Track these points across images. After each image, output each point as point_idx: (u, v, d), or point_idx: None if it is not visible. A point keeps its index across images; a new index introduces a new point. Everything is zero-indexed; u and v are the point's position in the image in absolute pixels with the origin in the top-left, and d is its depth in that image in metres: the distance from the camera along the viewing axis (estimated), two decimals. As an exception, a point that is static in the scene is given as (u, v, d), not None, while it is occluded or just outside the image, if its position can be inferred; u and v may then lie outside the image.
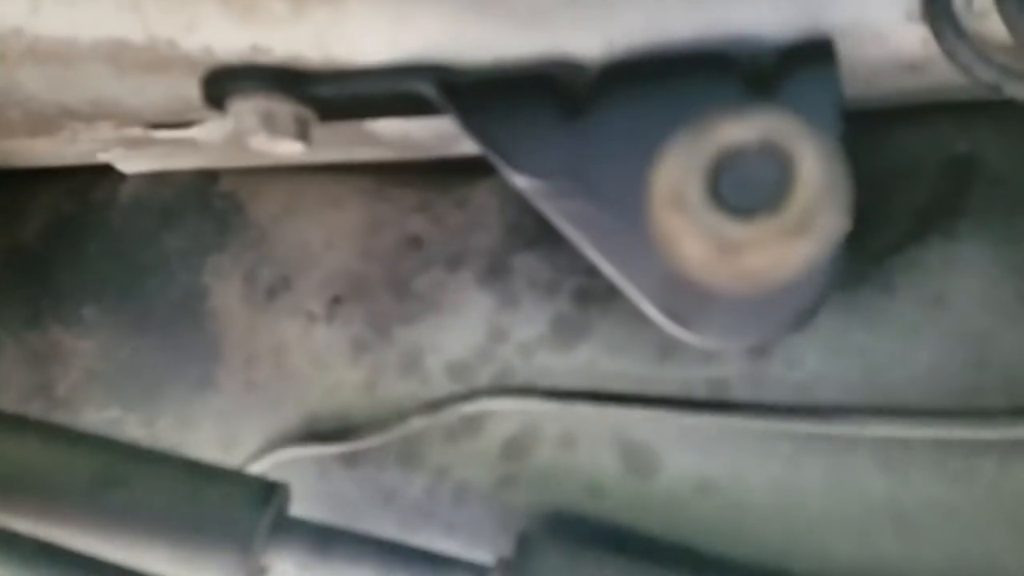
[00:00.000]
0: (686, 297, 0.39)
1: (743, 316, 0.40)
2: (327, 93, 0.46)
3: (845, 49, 0.43)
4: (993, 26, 0.40)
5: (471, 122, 0.43)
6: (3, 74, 0.45)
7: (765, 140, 0.24)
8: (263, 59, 0.46)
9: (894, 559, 0.43)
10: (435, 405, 0.48)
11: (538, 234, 0.51)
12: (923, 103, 0.49)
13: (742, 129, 0.24)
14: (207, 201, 0.61)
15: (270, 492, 0.43)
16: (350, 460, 0.52)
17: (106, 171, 0.61)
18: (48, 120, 0.51)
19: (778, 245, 0.24)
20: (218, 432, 0.57)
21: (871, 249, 0.44)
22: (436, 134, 0.53)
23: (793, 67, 0.40)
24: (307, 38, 0.45)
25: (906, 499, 0.42)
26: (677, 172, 0.24)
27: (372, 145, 0.59)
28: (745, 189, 0.24)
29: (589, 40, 0.45)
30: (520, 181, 0.43)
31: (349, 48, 0.44)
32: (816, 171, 0.23)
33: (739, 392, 0.45)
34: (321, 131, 0.53)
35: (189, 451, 0.56)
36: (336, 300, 0.53)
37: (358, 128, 0.54)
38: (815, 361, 0.44)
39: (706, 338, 0.40)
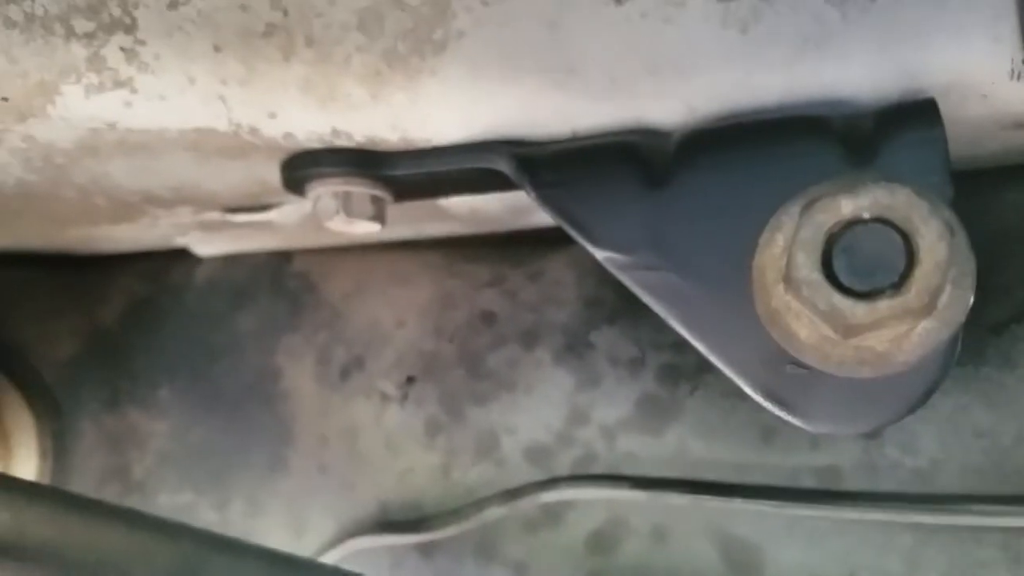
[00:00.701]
0: (791, 378, 0.37)
1: (853, 399, 0.37)
2: (403, 173, 0.46)
3: (945, 109, 0.41)
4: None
5: (548, 196, 0.42)
6: (94, 166, 0.46)
7: (882, 214, 0.22)
8: (342, 143, 0.46)
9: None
10: (513, 493, 0.46)
11: (619, 308, 0.49)
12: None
13: (857, 203, 0.22)
14: (280, 281, 0.62)
15: None
16: (426, 550, 0.50)
17: (182, 255, 0.63)
18: (131, 206, 0.52)
19: (901, 326, 0.22)
20: (289, 517, 0.56)
21: (988, 321, 0.41)
22: (508, 207, 0.53)
23: (895, 129, 0.37)
24: (384, 121, 0.45)
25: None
26: (788, 248, 0.22)
27: (442, 220, 0.59)
28: (862, 267, 0.22)
29: (670, 107, 0.44)
30: (601, 255, 0.41)
31: (425, 128, 0.45)
32: (938, 247, 0.21)
33: (851, 481, 0.41)
34: (394, 209, 0.53)
35: (259, 536, 0.56)
36: (409, 380, 0.52)
37: (430, 204, 0.54)
38: (933, 445, 0.40)
39: (813, 423, 0.37)
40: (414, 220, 0.61)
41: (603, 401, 0.46)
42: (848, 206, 0.22)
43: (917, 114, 0.38)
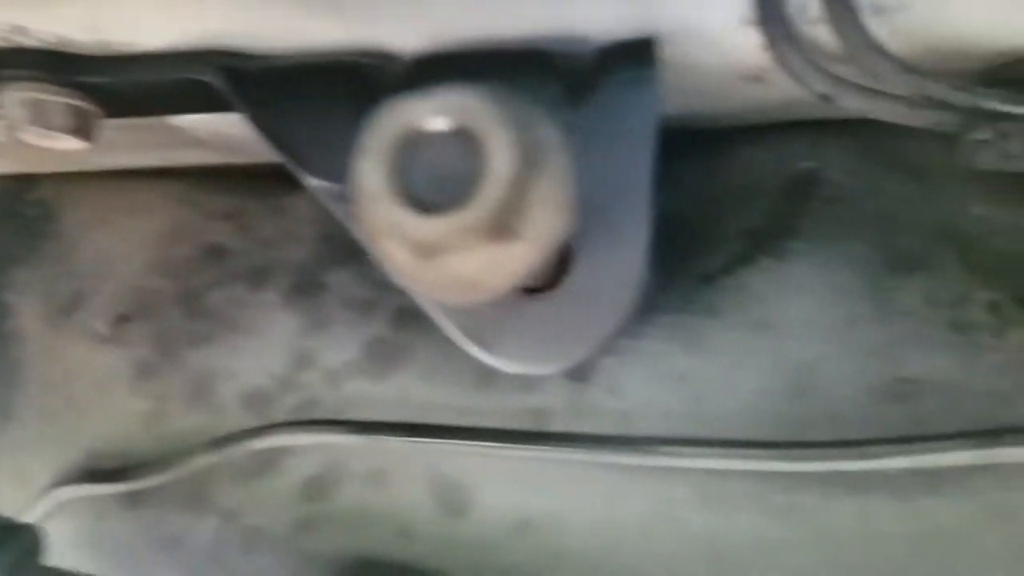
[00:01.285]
0: (486, 316, 0.36)
1: (544, 337, 0.37)
2: (102, 81, 0.41)
3: (679, 55, 0.42)
4: (828, 34, 0.38)
5: (261, 117, 0.39)
6: None
7: (453, 122, 0.20)
8: (28, 42, 0.40)
9: (714, 602, 0.40)
10: (224, 440, 0.43)
11: (357, 248, 0.47)
12: (777, 120, 0.48)
13: (424, 106, 0.20)
14: (17, 209, 0.55)
15: (8, 537, 0.37)
16: (131, 500, 0.46)
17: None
18: None
19: (479, 247, 0.21)
20: (13, 466, 0.51)
21: (699, 272, 0.43)
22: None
23: (611, 68, 0.38)
24: (76, 19, 0.40)
25: (726, 536, 0.40)
26: (368, 162, 0.20)
27: (188, 147, 0.54)
28: (435, 180, 0.21)
29: (405, 31, 0.42)
30: (313, 184, 0.39)
31: (126, 31, 0.40)
32: (504, 160, 0.20)
33: (560, 423, 0.42)
34: (128, 130, 0.47)
35: None
36: (121, 319, 0.47)
37: (169, 127, 0.49)
38: (637, 389, 0.42)
39: (508, 362, 0.37)
40: (157, 146, 0.55)
41: (330, 344, 0.45)
42: (415, 109, 0.21)
43: (634, 53, 0.38)
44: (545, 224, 0.21)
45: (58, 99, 0.42)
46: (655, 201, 0.37)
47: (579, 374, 0.42)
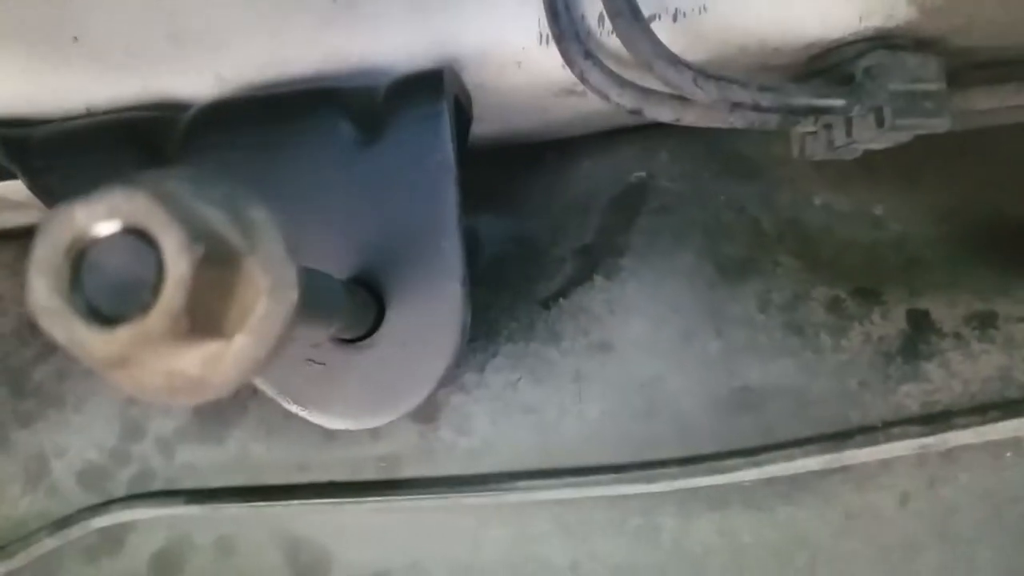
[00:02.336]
0: (303, 372, 0.35)
1: (373, 391, 0.35)
2: None
3: (485, 78, 0.40)
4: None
5: (40, 184, 0.37)
6: None
7: (127, 224, 0.19)
8: None
9: (584, 638, 0.39)
10: (64, 522, 0.41)
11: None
12: (608, 127, 0.47)
13: (91, 211, 0.19)
14: None
15: None
16: (-21, 594, 0.44)
17: None
18: None
19: (182, 351, 0.19)
20: None
21: (539, 296, 0.42)
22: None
23: (400, 104, 0.36)
24: None
25: (589, 565, 0.39)
26: (39, 277, 0.19)
27: (10, 209, 0.51)
28: (113, 287, 0.19)
29: (197, 79, 0.40)
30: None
31: None
32: (179, 260, 0.18)
33: (410, 468, 0.41)
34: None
35: None
36: (-53, 404, 0.45)
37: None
38: (485, 424, 0.40)
39: (332, 418, 0.35)
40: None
41: (158, 412, 0.43)
42: (82, 215, 0.19)
43: (423, 87, 0.36)
44: (263, 313, 0.20)
45: None
46: (464, 234, 0.35)
47: (426, 415, 0.41)
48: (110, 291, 0.19)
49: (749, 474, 0.37)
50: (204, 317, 0.19)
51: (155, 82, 0.39)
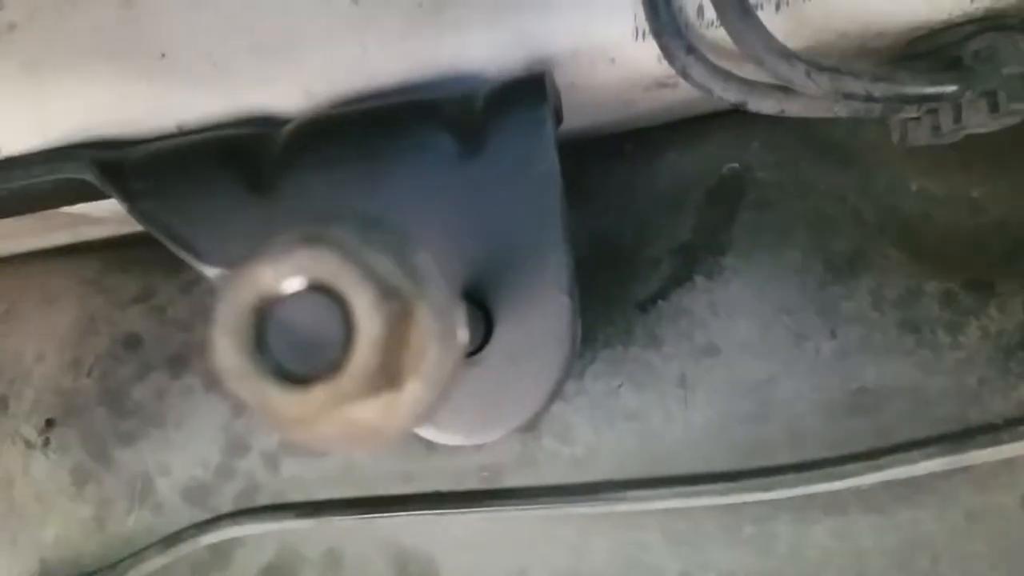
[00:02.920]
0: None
1: (482, 408, 0.35)
2: (-28, 191, 0.38)
3: (576, 76, 0.39)
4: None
5: (142, 209, 0.37)
6: None
7: (313, 282, 0.18)
8: None
9: (698, 644, 0.39)
10: (172, 539, 0.42)
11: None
12: (695, 114, 0.46)
13: (278, 271, 0.18)
14: None
15: None
16: (92, 609, 0.45)
17: None
18: None
19: (363, 406, 0.19)
20: None
21: (636, 299, 0.41)
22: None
23: (501, 113, 0.35)
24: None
25: (701, 574, 0.39)
26: (225, 339, 0.18)
27: (93, 224, 0.52)
28: (301, 344, 0.19)
29: (283, 92, 0.39)
30: (210, 273, 0.37)
31: (-15, 139, 0.38)
32: (371, 321, 0.18)
33: (513, 478, 0.41)
34: (23, 219, 0.45)
35: None
36: (49, 424, 0.45)
37: (65, 212, 0.47)
38: (587, 432, 0.40)
39: (445, 435, 0.35)
40: (58, 227, 0.53)
41: (262, 426, 0.43)
42: (268, 275, 0.19)
43: (524, 95, 0.35)
44: (434, 360, 0.20)
45: (-69, 215, 0.40)
46: (570, 243, 0.35)
47: (527, 424, 0.41)
48: (295, 349, 0.19)
49: (867, 479, 0.36)
50: (388, 370, 0.19)
51: (243, 97, 0.39)
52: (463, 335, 0.22)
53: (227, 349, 0.18)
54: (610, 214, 0.44)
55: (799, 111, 0.37)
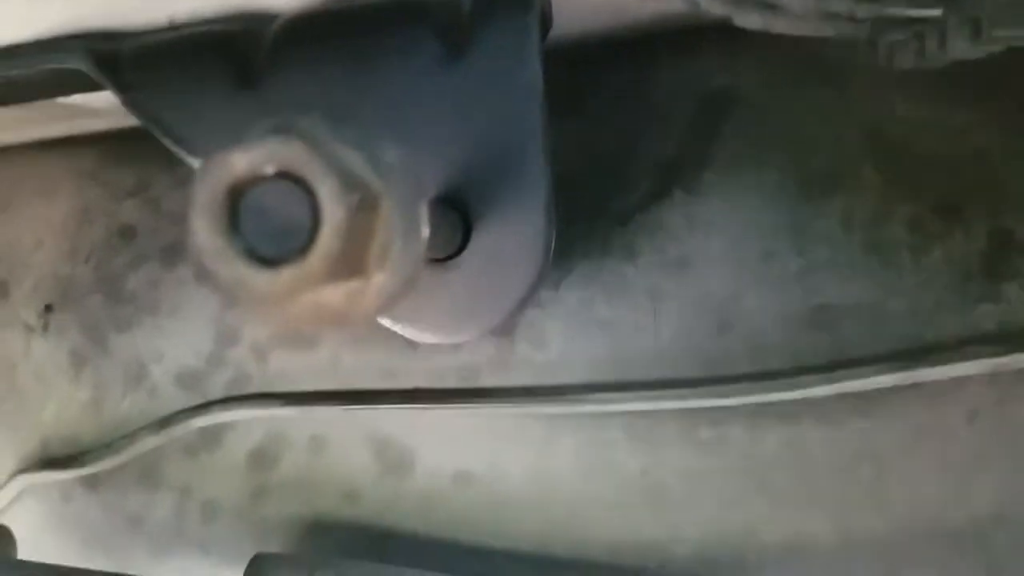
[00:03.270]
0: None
1: (456, 305, 0.37)
2: (-33, 79, 0.39)
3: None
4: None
5: (135, 100, 0.38)
6: None
7: (283, 170, 0.20)
8: None
9: (652, 534, 0.42)
10: (165, 422, 0.45)
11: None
12: (687, 25, 0.46)
13: (251, 158, 0.20)
14: None
15: None
16: (91, 484, 0.48)
17: None
18: None
19: (332, 288, 0.21)
20: None
21: (615, 211, 0.42)
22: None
23: (488, 15, 0.35)
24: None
25: (659, 472, 0.42)
26: (202, 219, 0.20)
27: (89, 116, 0.52)
28: (273, 229, 0.20)
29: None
30: (197, 164, 0.38)
31: (-20, 27, 0.38)
32: (334, 209, 0.19)
33: (489, 378, 0.43)
34: (17, 109, 0.46)
35: None
36: (48, 309, 0.48)
37: (60, 103, 0.47)
38: (560, 339, 0.42)
39: (424, 332, 0.37)
40: (53, 119, 0.54)
41: (253, 319, 0.45)
42: (242, 161, 0.20)
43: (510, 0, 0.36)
44: (398, 252, 0.21)
45: (-72, 100, 0.41)
46: (550, 151, 0.36)
47: (503, 329, 0.43)
48: (266, 233, 0.20)
49: (821, 390, 0.38)
50: (353, 258, 0.20)
51: (234, -7, 0.39)
52: (426, 232, 0.23)
53: (203, 230, 0.20)
54: (599, 124, 0.44)
55: (783, 28, 0.37)
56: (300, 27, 0.37)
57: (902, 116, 0.43)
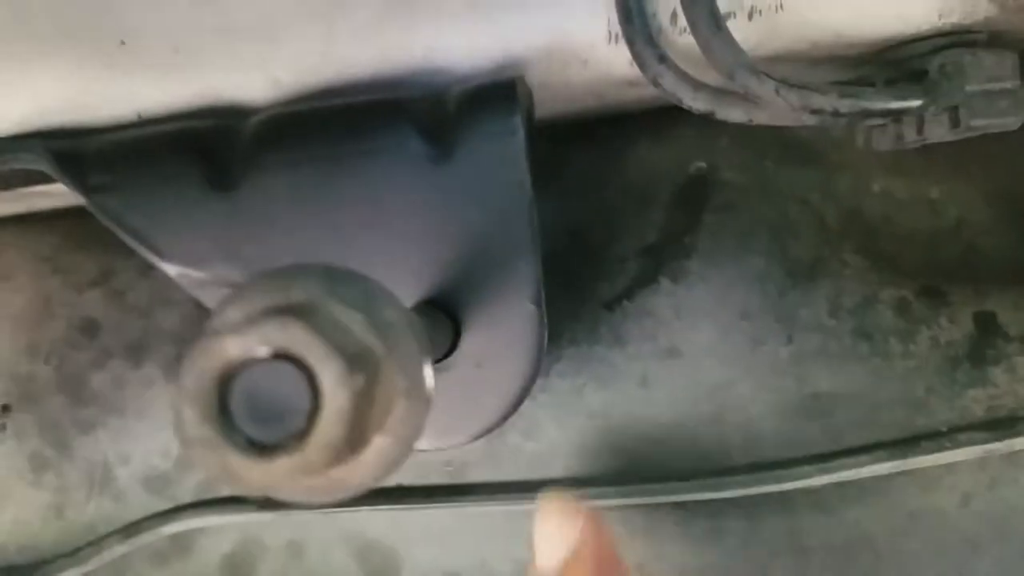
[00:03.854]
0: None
1: (449, 409, 0.36)
2: (-79, 177, 0.37)
3: (548, 75, 0.39)
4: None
5: (100, 202, 0.36)
6: None
7: (280, 352, 0.19)
8: None
9: (650, 632, 0.41)
10: (133, 528, 0.43)
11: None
12: (663, 105, 0.47)
13: (245, 343, 0.19)
14: None
15: None
16: (50, 594, 0.45)
17: None
18: None
19: (307, 478, 0.19)
20: None
21: (603, 297, 0.42)
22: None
23: (472, 118, 0.35)
24: None
25: (655, 565, 0.41)
26: (190, 410, 0.19)
27: (45, 197, 0.50)
28: (266, 412, 0.19)
29: (251, 80, 0.39)
30: (172, 271, 0.37)
31: (-69, 124, 0.36)
32: (337, 393, 0.18)
33: (478, 472, 0.42)
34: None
35: None
36: (5, 409, 0.45)
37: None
38: (551, 428, 0.41)
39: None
40: (12, 198, 0.52)
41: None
42: (235, 347, 0.19)
43: (495, 100, 0.35)
44: (402, 416, 0.20)
45: None
46: (539, 251, 0.35)
47: (491, 429, 0.42)
48: (258, 414, 0.19)
49: (817, 480, 0.38)
50: (354, 435, 0.19)
51: (206, 85, 0.38)
52: (431, 385, 0.22)
53: (192, 420, 0.19)
54: (579, 204, 0.44)
55: (766, 120, 0.38)
56: (276, 127, 0.36)
57: (879, 193, 0.44)
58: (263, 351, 0.19)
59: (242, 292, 0.20)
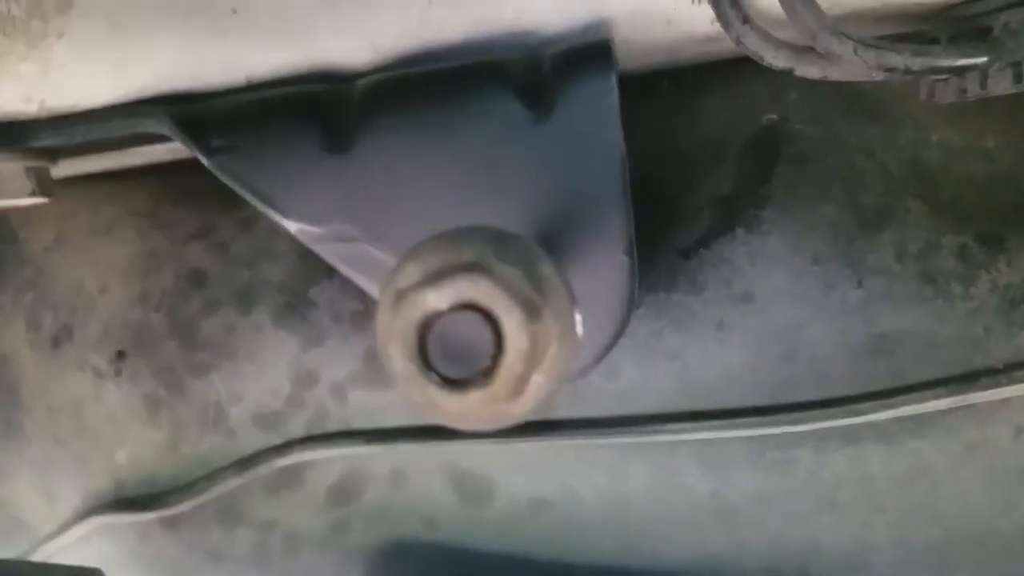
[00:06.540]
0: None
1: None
2: (53, 143, 0.42)
3: (632, 34, 0.43)
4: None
5: (221, 163, 0.41)
6: None
7: (468, 304, 0.24)
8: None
9: (722, 551, 0.47)
10: (247, 462, 0.48)
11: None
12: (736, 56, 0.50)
13: (441, 295, 0.24)
14: None
15: None
16: (169, 523, 0.52)
17: None
18: None
19: (493, 407, 0.24)
20: (37, 484, 0.55)
21: (679, 245, 0.46)
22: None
23: (569, 79, 0.39)
24: (16, 94, 0.40)
25: (728, 494, 0.46)
26: (396, 348, 0.24)
27: (139, 154, 0.55)
28: (455, 354, 0.24)
29: (352, 45, 0.42)
30: (293, 228, 0.41)
31: (64, 95, 0.41)
32: (519, 337, 0.23)
33: (563, 410, 0.46)
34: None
35: (13, 503, 0.55)
36: (120, 355, 0.50)
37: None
38: (631, 370, 0.46)
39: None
40: (111, 154, 0.56)
41: (330, 360, 0.48)
42: (434, 299, 0.24)
43: (591, 61, 0.39)
44: (555, 356, 0.25)
45: (14, 165, 0.43)
46: (631, 207, 0.39)
47: (582, 374, 0.46)
48: (449, 356, 0.24)
49: (881, 415, 0.43)
50: (526, 377, 0.24)
51: (312, 50, 0.42)
52: (581, 330, 0.27)
53: (398, 358, 0.24)
54: (652, 156, 0.48)
55: (840, 76, 0.41)
56: (384, 92, 0.40)
57: (938, 143, 0.47)
58: (455, 303, 0.23)
59: (418, 252, 0.25)
